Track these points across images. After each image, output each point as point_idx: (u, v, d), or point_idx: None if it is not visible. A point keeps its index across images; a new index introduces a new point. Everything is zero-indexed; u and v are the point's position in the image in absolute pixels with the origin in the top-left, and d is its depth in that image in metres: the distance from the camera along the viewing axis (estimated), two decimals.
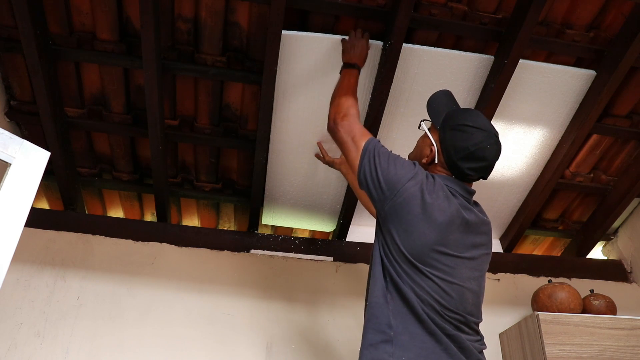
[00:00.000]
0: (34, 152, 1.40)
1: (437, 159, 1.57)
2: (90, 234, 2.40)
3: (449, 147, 1.53)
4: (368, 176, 1.50)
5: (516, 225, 2.73)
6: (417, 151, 1.69)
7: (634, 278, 2.76)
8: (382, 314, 1.42)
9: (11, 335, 2.08)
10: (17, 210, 1.32)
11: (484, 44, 2.21)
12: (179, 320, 2.23)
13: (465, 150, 1.51)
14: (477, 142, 1.51)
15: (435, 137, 1.60)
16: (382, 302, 1.43)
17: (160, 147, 2.28)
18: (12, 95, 2.29)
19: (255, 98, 2.29)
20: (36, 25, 1.97)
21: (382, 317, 1.41)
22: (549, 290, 2.26)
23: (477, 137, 1.51)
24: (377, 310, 1.43)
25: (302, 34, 2.07)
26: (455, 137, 1.53)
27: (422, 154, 1.63)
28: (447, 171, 1.57)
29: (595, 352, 2.00)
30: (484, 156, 1.53)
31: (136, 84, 2.26)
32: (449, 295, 1.41)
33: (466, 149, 1.51)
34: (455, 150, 1.52)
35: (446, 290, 1.41)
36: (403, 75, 2.21)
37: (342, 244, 2.61)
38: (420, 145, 1.67)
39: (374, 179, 1.48)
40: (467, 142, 1.51)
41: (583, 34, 2.19)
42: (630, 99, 2.40)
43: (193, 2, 2.04)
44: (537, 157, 2.53)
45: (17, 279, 2.20)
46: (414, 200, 1.44)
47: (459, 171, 1.54)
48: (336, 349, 2.27)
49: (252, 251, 2.49)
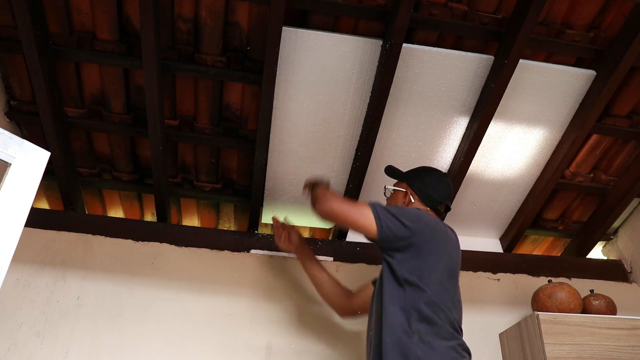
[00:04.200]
0: (34, 152, 1.40)
1: (413, 200, 1.90)
2: (90, 234, 2.39)
3: (430, 190, 1.90)
4: (391, 225, 1.66)
5: (516, 225, 2.73)
6: (392, 202, 1.97)
7: (634, 278, 2.76)
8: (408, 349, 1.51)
9: (11, 335, 2.08)
10: (17, 210, 1.32)
11: (484, 44, 2.21)
12: (179, 321, 2.23)
13: (448, 189, 1.95)
14: (449, 184, 1.98)
15: (403, 186, 1.96)
16: (405, 337, 1.53)
17: (160, 147, 2.28)
18: (12, 95, 2.29)
19: (255, 98, 2.29)
20: (36, 25, 1.97)
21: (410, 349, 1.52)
22: (549, 290, 2.26)
23: (447, 181, 1.99)
24: (404, 347, 1.51)
25: (302, 31, 2.07)
26: (434, 183, 1.94)
27: (397, 203, 1.94)
28: (425, 207, 1.90)
29: (595, 352, 2.00)
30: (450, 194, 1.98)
31: (136, 84, 2.26)
32: (458, 309, 1.69)
33: (448, 188, 1.95)
34: (438, 191, 1.92)
35: (457, 305, 1.69)
36: (403, 75, 2.21)
37: (342, 244, 2.61)
38: (394, 198, 1.97)
39: (397, 224, 1.66)
40: (445, 184, 1.96)
41: (583, 34, 2.19)
42: (630, 99, 2.40)
43: (193, 2, 2.04)
44: (537, 157, 2.53)
45: (17, 279, 2.20)
46: (438, 227, 1.74)
47: (439, 205, 1.92)
48: (336, 348, 2.27)
49: (252, 251, 2.49)
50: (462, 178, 2.47)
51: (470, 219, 2.77)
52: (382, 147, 2.42)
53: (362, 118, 2.32)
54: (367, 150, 2.33)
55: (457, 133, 2.41)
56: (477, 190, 2.65)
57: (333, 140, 2.40)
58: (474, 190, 2.64)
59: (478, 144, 2.35)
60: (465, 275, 2.62)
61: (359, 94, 2.26)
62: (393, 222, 1.66)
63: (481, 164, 2.54)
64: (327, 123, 2.34)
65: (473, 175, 2.57)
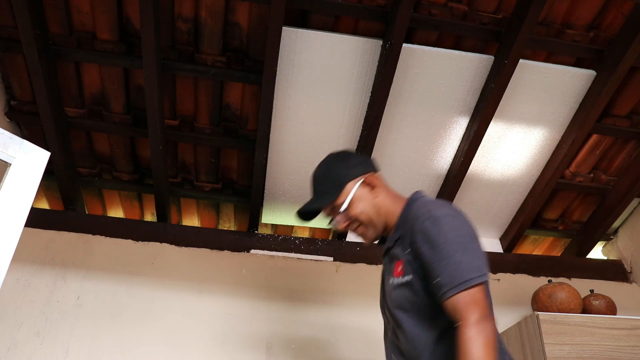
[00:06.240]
0: (34, 152, 1.40)
1: (373, 183, 1.44)
2: (90, 234, 2.40)
3: (357, 163, 1.47)
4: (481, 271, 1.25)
5: (516, 225, 2.73)
6: (367, 208, 1.41)
7: (634, 278, 2.75)
8: None
9: (11, 335, 2.08)
10: (17, 210, 1.32)
11: (484, 44, 2.21)
12: (179, 320, 2.23)
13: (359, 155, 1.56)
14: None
15: (345, 192, 1.41)
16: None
17: (160, 147, 2.28)
18: (12, 95, 2.29)
19: (255, 98, 2.29)
20: (36, 25, 1.97)
21: None
22: (549, 290, 2.26)
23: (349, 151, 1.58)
24: None
25: (302, 31, 2.07)
26: (349, 159, 1.48)
27: (370, 202, 1.42)
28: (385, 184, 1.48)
29: (595, 352, 2.00)
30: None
31: (136, 84, 2.26)
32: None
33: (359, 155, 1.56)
34: (359, 159, 1.50)
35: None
36: (403, 75, 2.21)
37: (342, 244, 2.61)
38: (354, 209, 1.41)
39: (479, 261, 1.27)
40: (352, 154, 1.55)
41: (583, 34, 2.19)
42: (630, 99, 2.40)
43: (193, 2, 2.04)
44: (537, 157, 2.53)
45: (17, 279, 2.20)
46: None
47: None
48: (336, 349, 2.27)
49: (252, 251, 2.49)
50: (462, 178, 2.47)
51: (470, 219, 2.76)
52: (382, 147, 2.42)
53: (362, 118, 2.32)
54: (367, 150, 2.33)
55: (457, 133, 2.41)
56: (477, 190, 2.65)
57: (333, 140, 2.40)
58: (474, 190, 2.64)
59: (478, 144, 2.35)
60: None
61: (359, 94, 2.26)
62: (479, 266, 1.21)
63: (481, 164, 2.54)
64: (327, 123, 2.34)
65: (473, 175, 2.57)
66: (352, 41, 2.12)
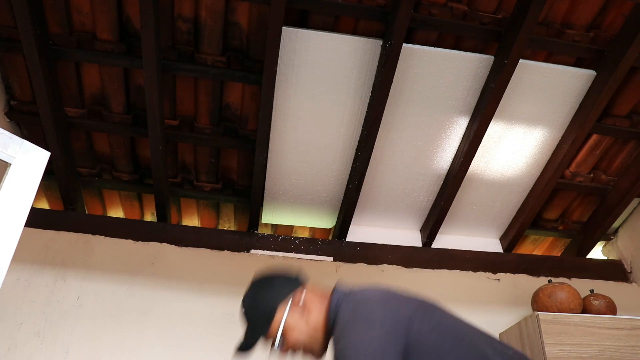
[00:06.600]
0: (34, 152, 1.40)
1: (305, 300, 1.38)
2: (90, 234, 2.40)
3: (283, 285, 1.40)
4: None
5: (516, 225, 2.73)
6: (302, 336, 1.37)
7: (634, 278, 2.75)
8: None
9: (11, 335, 2.08)
10: (17, 210, 1.32)
11: (484, 44, 2.21)
12: (179, 320, 2.23)
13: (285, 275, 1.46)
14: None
15: (282, 311, 1.36)
16: None
17: (160, 147, 2.28)
18: (12, 95, 2.29)
19: (255, 98, 2.29)
20: (36, 25, 1.97)
21: None
22: (549, 290, 2.26)
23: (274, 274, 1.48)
24: None
25: (302, 31, 2.07)
26: (275, 282, 1.42)
27: (303, 329, 1.36)
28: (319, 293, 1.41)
29: (595, 352, 2.00)
30: None
31: (136, 84, 2.26)
32: None
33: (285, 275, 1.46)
34: (286, 280, 1.43)
35: None
36: (403, 75, 2.21)
37: (342, 244, 2.61)
38: (294, 329, 1.36)
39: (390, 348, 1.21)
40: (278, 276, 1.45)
41: (583, 34, 2.19)
42: (630, 99, 2.40)
43: (193, 2, 2.04)
44: (537, 157, 2.53)
45: (17, 279, 2.20)
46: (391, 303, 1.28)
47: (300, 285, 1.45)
48: None
49: (252, 251, 2.49)
50: (462, 178, 2.47)
51: (470, 219, 2.77)
52: (382, 147, 2.42)
53: (362, 118, 2.32)
54: (367, 150, 2.33)
55: (457, 133, 2.41)
56: (477, 190, 2.65)
57: (333, 141, 2.40)
58: (474, 190, 2.64)
59: (478, 144, 2.35)
60: (465, 275, 2.62)
61: (359, 94, 2.26)
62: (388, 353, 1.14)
63: (481, 164, 2.54)
64: (327, 123, 2.34)
65: (473, 175, 2.57)
66: (352, 41, 2.12)
